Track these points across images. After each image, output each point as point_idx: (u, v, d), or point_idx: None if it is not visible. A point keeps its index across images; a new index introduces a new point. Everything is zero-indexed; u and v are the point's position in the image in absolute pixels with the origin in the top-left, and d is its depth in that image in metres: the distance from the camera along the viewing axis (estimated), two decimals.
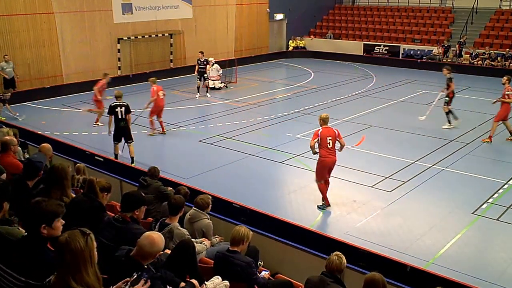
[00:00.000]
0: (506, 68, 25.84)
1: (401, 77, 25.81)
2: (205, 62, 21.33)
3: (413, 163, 13.49)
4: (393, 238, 9.69)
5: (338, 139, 10.67)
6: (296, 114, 18.51)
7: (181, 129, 16.72)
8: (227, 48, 29.16)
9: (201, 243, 6.89)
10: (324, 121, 10.72)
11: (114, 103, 13.10)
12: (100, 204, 6.10)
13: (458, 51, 28.17)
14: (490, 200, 11.30)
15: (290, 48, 33.66)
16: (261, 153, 14.27)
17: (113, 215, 5.97)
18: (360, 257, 7.34)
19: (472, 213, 10.70)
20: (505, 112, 15.24)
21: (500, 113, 15.26)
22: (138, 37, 24.98)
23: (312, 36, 34.46)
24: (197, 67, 21.34)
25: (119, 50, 24.25)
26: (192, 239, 6.37)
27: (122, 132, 13.17)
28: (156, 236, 4.49)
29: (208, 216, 7.39)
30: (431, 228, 10.12)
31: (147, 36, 25.30)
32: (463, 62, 27.79)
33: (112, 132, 13.31)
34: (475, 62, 27.29)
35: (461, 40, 28.43)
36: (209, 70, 22.10)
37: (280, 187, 12.39)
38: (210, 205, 7.47)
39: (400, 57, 30.37)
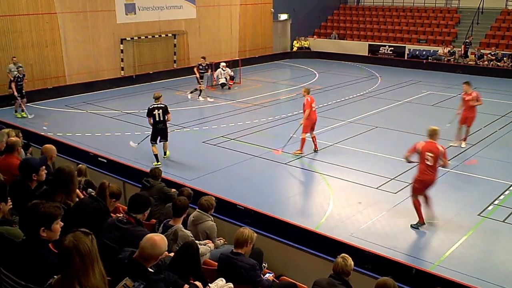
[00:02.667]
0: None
1: (406, 77, 25.70)
2: (206, 67, 21.28)
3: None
4: (398, 240, 9.63)
5: (441, 158, 9.73)
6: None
7: (184, 130, 16.68)
8: (231, 49, 29.14)
9: (205, 245, 6.85)
10: (430, 134, 9.86)
11: (152, 105, 12.98)
12: (106, 207, 6.05)
13: (463, 52, 28.02)
14: (496, 202, 11.21)
15: (294, 49, 33.59)
16: (265, 154, 14.21)
17: (115, 216, 5.94)
18: (365, 259, 7.30)
19: (478, 215, 10.62)
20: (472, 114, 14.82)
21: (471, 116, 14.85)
22: (141, 37, 24.94)
23: (315, 36, 34.38)
24: (197, 73, 21.06)
25: (122, 51, 24.20)
26: (196, 241, 6.31)
27: (159, 133, 13.23)
28: (158, 238, 4.46)
29: (212, 218, 7.33)
30: (437, 230, 10.06)
31: (150, 37, 25.26)
32: (469, 63, 27.62)
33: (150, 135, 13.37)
34: (481, 63, 27.14)
35: (467, 40, 28.30)
36: (221, 74, 22.47)
37: (285, 188, 12.34)
38: (214, 207, 7.40)
39: (406, 58, 30.27)
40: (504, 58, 26.56)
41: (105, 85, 23.10)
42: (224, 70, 22.99)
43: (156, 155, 13.20)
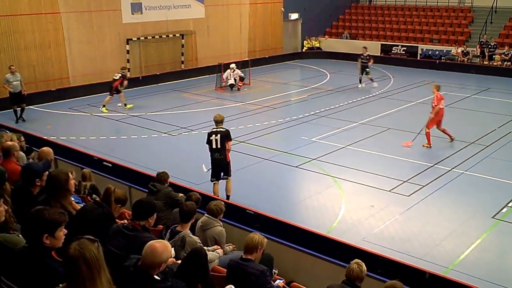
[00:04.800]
0: None
1: (419, 78, 25.42)
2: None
3: (431, 166, 13.22)
4: (411, 244, 9.51)
5: None
6: (312, 116, 18.29)
7: (193, 133, 16.53)
8: (240, 49, 28.97)
9: (213, 251, 6.77)
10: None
11: (211, 130, 11.00)
12: (110, 213, 5.93)
13: (479, 52, 27.62)
14: (510, 204, 11.04)
15: (305, 49, 33.41)
16: (275, 157, 14.08)
17: (122, 222, 5.84)
18: (378, 264, 7.17)
19: (492, 218, 10.48)
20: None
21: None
22: (148, 37, 24.70)
23: (327, 36, 34.17)
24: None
25: (128, 51, 23.96)
26: (204, 247, 6.25)
27: (218, 165, 10.91)
28: (158, 245, 4.35)
29: (221, 223, 7.25)
30: (450, 233, 9.92)
31: (157, 37, 25.00)
32: (493, 63, 27.11)
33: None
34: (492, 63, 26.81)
35: (482, 40, 27.92)
36: (230, 76, 22.50)
37: (296, 192, 12.22)
38: (223, 212, 7.30)
39: (418, 58, 29.95)
40: None
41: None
42: (233, 72, 22.88)
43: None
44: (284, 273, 7.20)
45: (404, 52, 30.47)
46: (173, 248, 5.10)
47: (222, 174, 10.98)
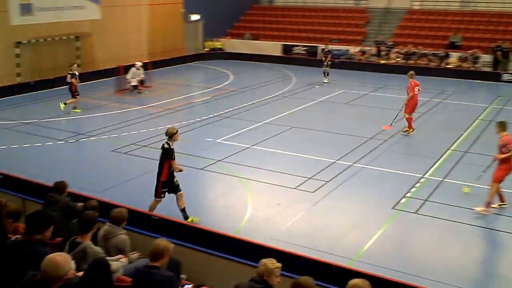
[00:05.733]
0: (420, 66, 26.94)
1: (319, 77, 26.11)
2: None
3: (334, 162, 13.60)
4: (318, 238, 9.70)
5: None
6: (216, 118, 18.21)
7: (91, 138, 15.79)
8: (140, 51, 28.06)
9: (117, 260, 6.52)
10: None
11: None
12: (3, 228, 5.49)
13: (376, 50, 28.95)
14: (408, 195, 11.61)
15: (207, 50, 33.27)
16: (180, 160, 13.72)
17: (15, 237, 5.45)
18: (286, 261, 7.18)
19: (392, 208, 10.95)
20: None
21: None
22: (40, 40, 23.36)
23: (228, 37, 34.30)
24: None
25: (18, 55, 22.49)
26: (108, 257, 6.03)
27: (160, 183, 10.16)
28: (58, 258, 4.23)
29: (125, 231, 6.99)
30: (354, 225, 10.28)
31: (50, 39, 23.69)
32: (389, 62, 28.39)
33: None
34: (393, 61, 28.24)
35: (378, 39, 29.28)
36: (135, 74, 21.94)
37: (202, 195, 12.07)
38: (127, 219, 7.04)
39: (319, 57, 30.73)
40: (412, 56, 27.71)
41: None
42: (139, 70, 22.23)
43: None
44: (193, 278, 7.06)
45: (305, 52, 31.24)
46: (73, 261, 4.96)
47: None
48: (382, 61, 28.24)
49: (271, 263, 5.55)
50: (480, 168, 11.76)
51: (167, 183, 10.04)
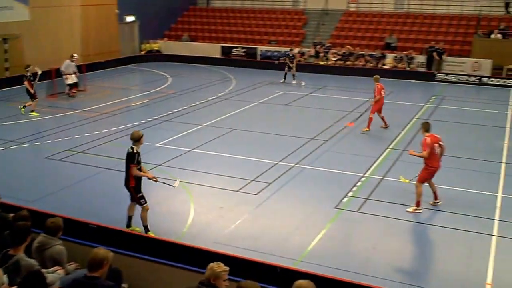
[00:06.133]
0: (358, 67, 27.56)
1: (259, 78, 26.26)
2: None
3: (276, 163, 13.59)
4: (262, 240, 9.67)
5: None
6: (155, 121, 17.83)
7: (23, 145, 15.06)
8: (73, 53, 27.18)
9: (53, 272, 6.26)
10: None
11: None
12: None
13: (314, 52, 29.30)
14: (350, 194, 11.78)
15: (144, 52, 32.63)
16: (118, 166, 13.36)
17: None
18: (230, 264, 7.07)
19: (334, 208, 11.06)
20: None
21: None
22: None
23: (166, 38, 33.80)
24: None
25: None
26: (43, 270, 5.81)
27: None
28: None
29: (61, 242, 6.71)
30: (298, 226, 10.29)
31: None
32: (328, 63, 28.83)
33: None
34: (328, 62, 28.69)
35: (316, 41, 29.66)
36: (70, 67, 21.23)
37: None
38: (62, 229, 6.77)
39: (258, 59, 30.91)
40: (350, 57, 28.26)
41: None
42: (73, 62, 21.50)
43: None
44: (136, 287, 6.90)
45: (244, 54, 31.24)
46: (5, 275, 4.93)
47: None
48: (321, 62, 28.65)
49: (217, 266, 5.55)
50: (418, 165, 12.03)
51: (138, 187, 9.63)
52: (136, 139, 9.57)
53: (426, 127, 10.91)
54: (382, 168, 13.44)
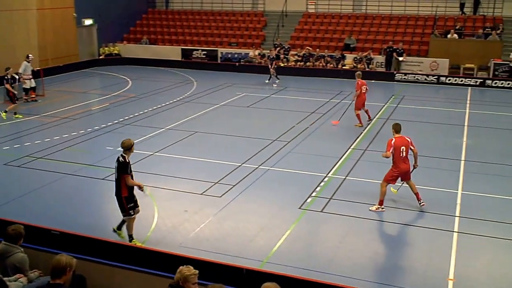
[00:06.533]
0: (318, 68, 27.84)
1: (221, 81, 26.25)
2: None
3: (240, 165, 13.61)
4: (227, 243, 9.67)
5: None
6: (116, 125, 17.59)
7: None
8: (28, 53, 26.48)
9: (15, 280, 6.21)
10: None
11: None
12: None
13: (275, 53, 29.39)
14: (313, 194, 11.88)
15: (103, 56, 32.15)
16: (79, 171, 13.18)
17: None
18: (196, 267, 7.06)
19: (298, 208, 11.14)
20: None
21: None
22: None
23: (125, 42, 33.40)
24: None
25: None
26: (5, 278, 5.87)
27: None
28: None
29: (22, 249, 6.63)
30: (263, 228, 10.31)
31: None
32: (288, 64, 29.00)
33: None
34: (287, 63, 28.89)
35: (276, 42, 29.80)
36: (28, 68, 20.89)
37: (104, 205, 11.56)
38: (24, 236, 6.69)
39: (219, 61, 30.88)
40: (310, 58, 28.55)
41: None
42: (29, 62, 21.11)
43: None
44: None
45: (204, 56, 31.15)
46: None
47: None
48: (282, 64, 28.84)
49: (187, 269, 5.59)
50: (379, 164, 12.26)
51: (130, 198, 9.28)
52: (128, 148, 9.28)
53: (395, 128, 11.06)
54: (344, 168, 13.62)
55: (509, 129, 17.82)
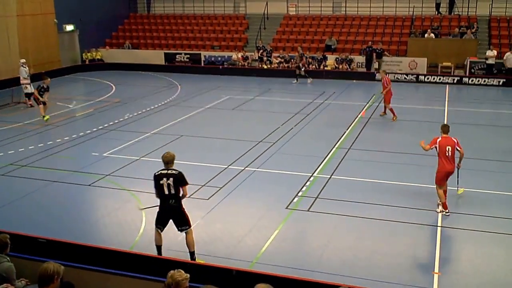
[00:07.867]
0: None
1: (205, 84, 26.25)
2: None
3: (226, 168, 13.63)
4: (216, 245, 9.66)
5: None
6: (101, 131, 17.50)
7: None
8: (11, 65, 25.92)
9: None
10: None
11: (159, 172, 8.87)
12: None
13: (258, 56, 29.50)
14: (300, 194, 11.94)
15: (86, 61, 31.96)
16: (65, 178, 13.09)
17: None
18: (185, 271, 7.08)
19: (286, 208, 11.18)
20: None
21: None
22: None
23: (107, 47, 33.24)
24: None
25: None
26: None
27: (170, 213, 8.92)
28: None
29: (8, 258, 6.57)
30: (251, 229, 10.32)
31: None
32: (272, 66, 29.11)
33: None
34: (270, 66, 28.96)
35: (259, 45, 29.86)
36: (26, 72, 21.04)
37: (92, 212, 11.51)
38: (10, 245, 6.67)
39: (202, 65, 30.87)
40: (292, 60, 28.63)
41: None
42: (24, 67, 21.17)
43: (159, 247, 9.01)
44: None
45: (188, 60, 31.14)
46: None
47: (177, 225, 8.96)
48: (265, 66, 28.92)
49: (178, 274, 5.54)
50: (364, 163, 12.37)
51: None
52: (173, 161, 8.92)
53: (443, 129, 11.11)
54: (329, 167, 13.70)
55: (487, 125, 18.10)
